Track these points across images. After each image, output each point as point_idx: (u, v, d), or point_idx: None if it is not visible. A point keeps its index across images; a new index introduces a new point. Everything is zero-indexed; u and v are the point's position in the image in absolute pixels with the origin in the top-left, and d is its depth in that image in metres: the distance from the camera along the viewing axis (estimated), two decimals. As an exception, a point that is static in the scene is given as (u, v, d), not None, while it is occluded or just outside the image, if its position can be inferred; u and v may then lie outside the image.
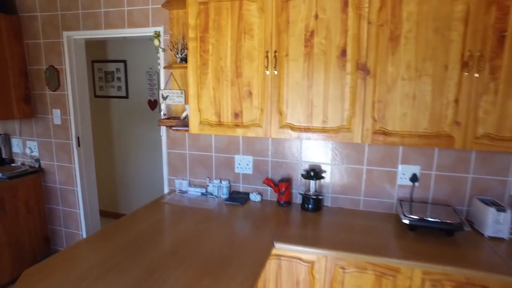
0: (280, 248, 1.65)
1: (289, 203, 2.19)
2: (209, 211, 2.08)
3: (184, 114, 2.19)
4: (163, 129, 2.47)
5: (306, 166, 2.19)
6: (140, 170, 4.06)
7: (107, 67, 3.96)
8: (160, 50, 2.32)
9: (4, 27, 2.65)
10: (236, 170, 2.33)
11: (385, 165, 2.04)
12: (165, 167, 2.51)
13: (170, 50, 2.21)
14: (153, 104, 3.81)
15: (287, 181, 2.15)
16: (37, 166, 2.99)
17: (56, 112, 2.81)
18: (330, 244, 1.62)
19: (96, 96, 4.07)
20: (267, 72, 1.79)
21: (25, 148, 3.01)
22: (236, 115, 1.87)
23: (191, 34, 1.89)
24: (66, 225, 3.04)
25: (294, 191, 2.23)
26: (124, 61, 3.88)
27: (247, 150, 2.29)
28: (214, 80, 1.88)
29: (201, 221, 1.91)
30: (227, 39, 1.83)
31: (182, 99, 2.21)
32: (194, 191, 2.38)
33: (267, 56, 1.77)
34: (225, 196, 2.31)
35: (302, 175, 2.10)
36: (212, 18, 1.85)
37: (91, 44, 3.92)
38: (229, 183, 2.34)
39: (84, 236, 2.97)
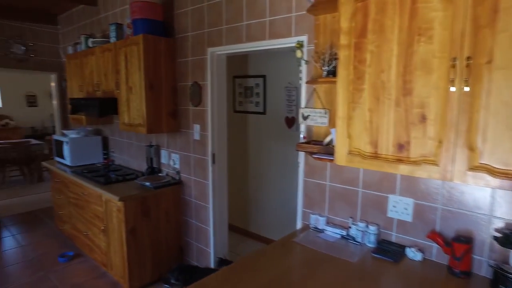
0: None
1: (468, 274, 1.52)
2: (351, 265, 1.62)
3: (327, 139, 1.81)
4: (302, 154, 2.14)
5: (501, 225, 1.48)
6: (273, 190, 3.88)
7: (247, 82, 3.97)
8: (303, 62, 2.01)
9: (163, 49, 2.85)
10: (389, 214, 1.80)
11: None
12: (300, 197, 2.18)
13: (315, 62, 1.88)
14: (291, 122, 3.58)
15: (467, 242, 1.50)
16: (177, 178, 3.12)
17: (196, 128, 2.86)
18: None
19: (235, 111, 4.13)
20: (453, 89, 1.24)
21: (170, 160, 3.19)
22: (400, 147, 1.37)
23: (343, 40, 1.50)
24: (198, 240, 3.06)
25: (477, 257, 1.55)
26: (264, 76, 3.80)
27: (407, 190, 1.73)
28: (371, 99, 1.43)
29: (342, 282, 1.47)
30: (393, 44, 1.36)
31: (326, 120, 1.83)
32: (332, 232, 1.95)
33: (453, 66, 1.22)
34: (371, 246, 1.80)
35: (496, 238, 1.42)
36: (372, 18, 1.41)
37: (234, 60, 4.00)
38: (378, 229, 1.82)
39: (212, 254, 2.92)
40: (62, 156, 3.89)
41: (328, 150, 1.72)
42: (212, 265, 2.94)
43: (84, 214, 3.34)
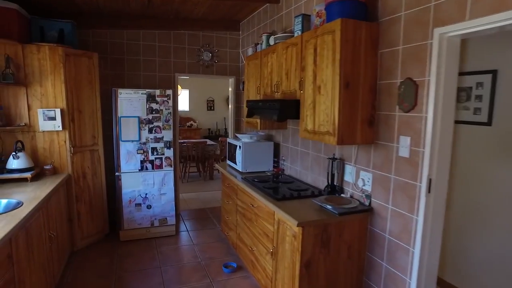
0: None
1: None
2: None
3: None
4: None
5: None
6: (498, 235, 2.69)
7: (461, 81, 2.90)
8: None
9: (364, 37, 2.20)
10: None
11: None
12: None
13: None
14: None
15: None
16: (367, 203, 2.41)
17: (405, 141, 2.08)
18: None
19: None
20: None
21: (357, 179, 2.51)
22: None
23: None
24: (389, 291, 2.27)
25: None
26: (493, 72, 2.67)
27: None
28: None
29: None
30: None
31: None
32: None
33: None
34: None
35: None
36: None
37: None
38: None
39: (416, 322, 2.07)
40: (233, 160, 3.78)
41: None
42: (411, 335, 2.09)
43: (252, 227, 3.04)
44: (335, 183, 2.69)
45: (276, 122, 3.49)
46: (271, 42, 3.29)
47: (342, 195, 2.65)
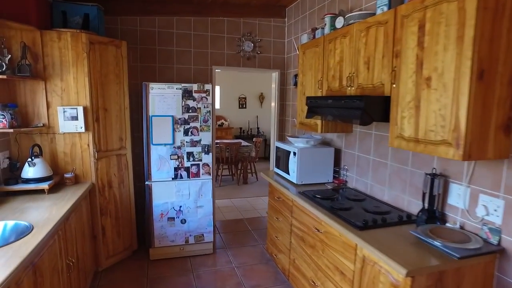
0: None
1: None
2: None
3: None
4: None
5: None
6: None
7: None
8: None
9: (510, 3, 1.51)
10: None
11: None
12: None
13: None
14: None
15: None
16: (494, 241, 1.72)
17: None
18: None
19: None
20: None
21: (475, 205, 1.82)
22: None
23: None
24: None
25: None
26: None
27: None
28: None
29: None
30: None
31: None
32: None
33: None
34: None
35: None
36: None
37: None
38: None
39: None
40: (284, 169, 3.15)
41: None
42: None
43: (315, 256, 2.40)
44: (434, 207, 2.00)
45: (341, 124, 2.83)
46: (338, 24, 2.63)
47: (447, 224, 1.96)
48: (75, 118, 2.76)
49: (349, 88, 2.39)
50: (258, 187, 6.49)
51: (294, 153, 2.93)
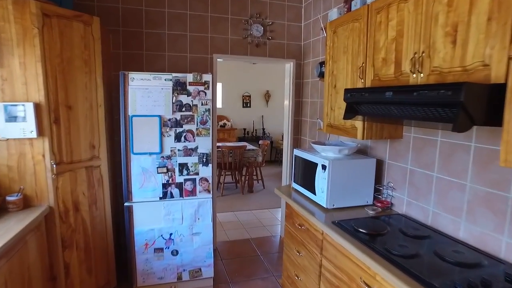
0: None
1: None
2: None
3: None
4: None
5: None
6: None
7: None
8: None
9: None
10: None
11: None
12: None
13: None
14: None
15: None
16: None
17: None
18: None
19: None
20: None
21: None
22: None
23: None
24: None
25: None
26: None
27: None
28: None
29: None
30: None
31: None
32: None
33: None
34: None
35: None
36: None
37: None
38: None
39: None
40: (308, 186, 2.38)
41: None
42: None
43: (363, 323, 1.63)
44: None
45: (388, 127, 2.06)
46: (390, -14, 1.85)
47: None
48: (22, 119, 2.00)
49: (414, 75, 1.61)
50: (265, 196, 5.71)
51: (324, 166, 2.16)
